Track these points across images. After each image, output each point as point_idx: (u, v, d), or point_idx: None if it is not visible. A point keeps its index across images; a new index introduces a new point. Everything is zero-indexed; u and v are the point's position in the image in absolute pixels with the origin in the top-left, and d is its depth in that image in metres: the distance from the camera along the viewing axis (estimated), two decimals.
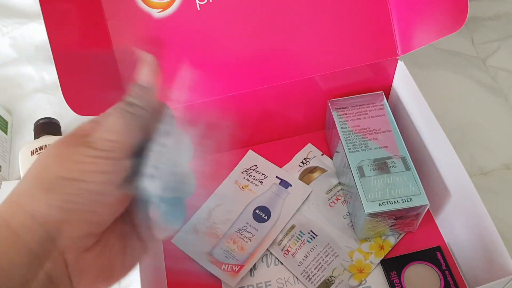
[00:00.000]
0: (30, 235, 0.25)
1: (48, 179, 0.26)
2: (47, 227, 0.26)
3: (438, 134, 0.49)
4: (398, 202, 0.48)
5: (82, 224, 0.27)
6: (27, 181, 0.27)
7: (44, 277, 0.25)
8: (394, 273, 0.52)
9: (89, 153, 0.27)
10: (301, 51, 0.53)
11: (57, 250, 0.26)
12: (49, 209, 0.26)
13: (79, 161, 0.27)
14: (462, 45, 0.71)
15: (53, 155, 0.27)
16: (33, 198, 0.26)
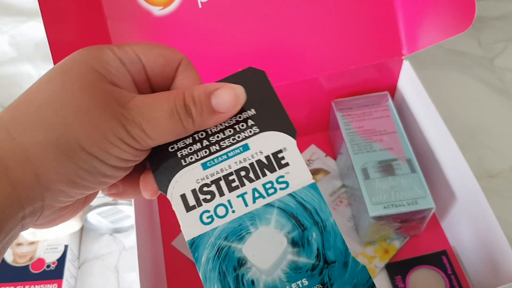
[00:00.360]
0: (26, 192, 0.23)
1: (67, 142, 0.24)
2: (46, 191, 0.24)
3: (445, 136, 0.48)
4: (404, 205, 0.47)
5: (76, 194, 0.26)
6: (43, 126, 0.24)
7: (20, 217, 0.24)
8: (399, 277, 0.51)
9: (120, 135, 0.25)
10: (304, 51, 0.52)
11: (41, 205, 0.24)
12: (57, 177, 0.24)
13: (107, 140, 0.24)
14: (468, 45, 0.70)
15: (83, 112, 0.24)
16: (45, 159, 0.24)
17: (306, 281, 0.25)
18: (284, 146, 0.27)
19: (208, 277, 0.25)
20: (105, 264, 0.55)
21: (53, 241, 0.55)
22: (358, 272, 0.25)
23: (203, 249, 0.26)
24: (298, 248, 0.25)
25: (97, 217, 0.54)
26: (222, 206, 0.26)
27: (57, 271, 0.52)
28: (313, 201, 0.26)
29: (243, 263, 0.25)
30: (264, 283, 0.25)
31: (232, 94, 0.27)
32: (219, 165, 0.27)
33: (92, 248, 0.57)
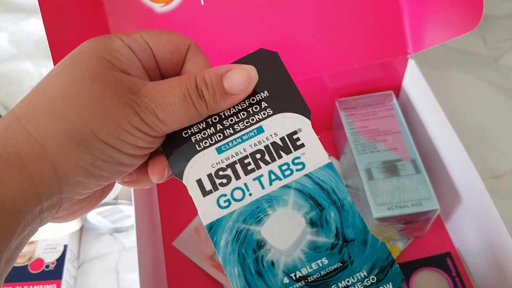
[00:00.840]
0: (43, 186, 0.23)
1: (82, 133, 0.24)
2: (63, 183, 0.24)
3: (450, 136, 0.47)
4: (408, 206, 0.47)
5: (94, 186, 0.26)
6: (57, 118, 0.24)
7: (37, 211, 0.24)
8: (403, 279, 0.50)
9: (134, 123, 0.24)
10: (308, 49, 0.52)
11: (59, 198, 0.24)
12: (74, 169, 0.24)
13: (121, 128, 0.24)
14: (473, 44, 0.70)
15: (96, 102, 0.24)
16: (61, 151, 0.23)
17: (326, 260, 0.25)
18: (299, 127, 0.27)
19: (228, 260, 0.26)
20: (105, 264, 0.55)
21: (52, 241, 0.54)
22: (378, 249, 0.25)
23: (222, 232, 0.26)
24: (316, 228, 0.26)
25: (97, 216, 0.53)
26: (239, 190, 0.26)
27: (56, 271, 0.52)
28: (330, 181, 0.26)
29: (262, 245, 0.26)
30: (284, 264, 0.25)
31: (244, 75, 0.26)
32: (234, 149, 0.27)
33: (92, 248, 0.56)
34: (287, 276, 0.25)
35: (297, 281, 0.25)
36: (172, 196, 0.58)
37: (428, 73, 0.52)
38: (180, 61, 0.29)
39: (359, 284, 0.25)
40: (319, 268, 0.25)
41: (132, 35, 0.27)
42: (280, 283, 0.25)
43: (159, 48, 0.28)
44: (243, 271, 0.25)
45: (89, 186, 0.25)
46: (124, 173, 0.27)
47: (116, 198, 0.52)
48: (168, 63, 0.28)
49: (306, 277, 0.25)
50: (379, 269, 0.25)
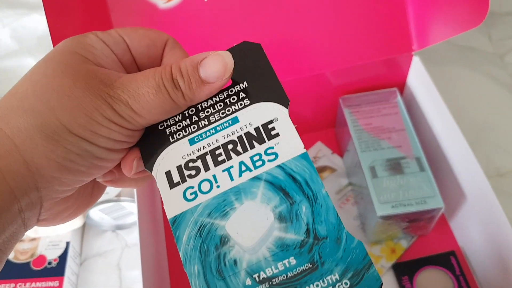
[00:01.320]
0: (16, 181, 0.23)
1: (53, 126, 0.23)
2: (37, 178, 0.23)
3: (454, 134, 0.47)
4: (412, 204, 0.46)
5: (72, 182, 0.25)
6: (27, 112, 0.23)
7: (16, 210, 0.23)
8: (406, 277, 0.50)
9: (107, 115, 0.24)
10: (312, 46, 0.51)
11: (37, 196, 0.24)
12: (46, 162, 0.23)
13: (93, 120, 0.23)
14: (479, 41, 0.69)
15: (65, 94, 0.23)
16: (32, 144, 0.23)
17: (294, 260, 0.23)
18: (275, 117, 0.26)
19: (189, 256, 0.24)
20: (107, 261, 0.55)
21: (54, 237, 0.54)
22: (353, 249, 0.22)
23: (185, 227, 0.24)
24: (285, 223, 0.23)
25: (99, 213, 0.53)
26: (207, 181, 0.25)
27: (58, 268, 0.52)
28: (303, 172, 0.24)
29: (226, 241, 0.23)
30: (247, 263, 0.23)
31: (220, 62, 0.25)
32: (207, 140, 0.26)
33: (94, 245, 0.56)
34: (250, 277, 0.23)
35: (260, 283, 0.23)
36: None
37: (433, 70, 0.52)
38: (157, 56, 0.28)
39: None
40: (286, 269, 0.23)
41: (108, 31, 0.27)
42: (242, 284, 0.23)
43: (134, 42, 0.27)
44: (203, 270, 0.23)
45: (67, 183, 0.25)
46: (103, 168, 0.26)
47: (119, 195, 0.52)
48: (145, 57, 0.28)
49: (271, 279, 0.23)
50: (354, 272, 0.22)
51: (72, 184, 0.25)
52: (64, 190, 0.25)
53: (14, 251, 0.53)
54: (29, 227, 0.25)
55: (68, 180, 0.24)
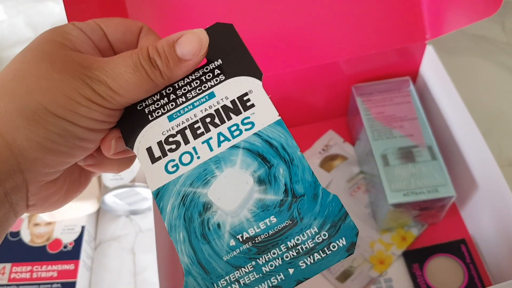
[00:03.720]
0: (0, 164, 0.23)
1: (32, 108, 0.24)
2: (20, 159, 0.24)
3: (467, 123, 0.47)
4: (424, 192, 0.47)
5: (55, 163, 0.25)
6: (6, 96, 0.24)
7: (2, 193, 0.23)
8: (417, 265, 0.50)
9: (86, 94, 0.24)
10: (324, 34, 0.51)
11: (22, 179, 0.24)
12: (28, 143, 0.24)
13: (72, 100, 0.24)
14: (492, 31, 0.69)
15: (43, 77, 0.24)
16: (12, 126, 0.23)
17: (274, 218, 0.24)
18: (250, 89, 0.27)
19: (173, 225, 0.25)
20: (122, 245, 0.56)
21: (70, 221, 0.55)
22: (329, 203, 0.24)
23: (168, 198, 0.25)
24: (264, 185, 0.25)
25: (114, 198, 0.54)
26: (187, 154, 0.26)
27: (74, 252, 0.53)
28: (279, 137, 0.26)
29: (209, 207, 0.25)
30: (230, 225, 0.24)
31: (195, 39, 0.27)
32: (185, 115, 0.27)
33: (109, 230, 0.57)
34: (233, 238, 0.24)
35: (244, 243, 0.24)
36: None
37: (446, 59, 0.52)
38: (133, 41, 0.29)
39: (309, 241, 0.24)
40: (267, 227, 0.24)
41: (85, 22, 0.28)
42: (227, 245, 0.24)
43: (111, 29, 0.28)
44: (188, 236, 0.24)
45: (50, 164, 0.25)
46: (84, 149, 0.26)
47: (133, 180, 0.53)
48: (121, 42, 0.29)
49: (254, 237, 0.24)
50: (331, 224, 0.24)
51: (55, 165, 0.25)
52: (48, 173, 0.25)
53: (30, 235, 0.54)
54: (18, 213, 0.25)
55: (51, 161, 0.25)
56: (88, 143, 0.26)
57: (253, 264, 0.24)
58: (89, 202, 0.54)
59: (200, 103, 0.27)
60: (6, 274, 0.52)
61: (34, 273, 0.52)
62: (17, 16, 0.76)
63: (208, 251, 0.24)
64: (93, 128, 0.26)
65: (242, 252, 0.24)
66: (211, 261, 0.24)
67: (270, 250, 0.24)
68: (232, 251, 0.24)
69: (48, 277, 0.51)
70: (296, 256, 0.24)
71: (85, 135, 0.25)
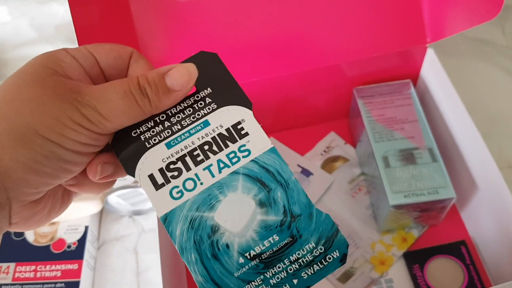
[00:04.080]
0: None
1: (21, 129, 0.24)
2: (5, 178, 0.24)
3: (467, 125, 0.48)
4: (424, 194, 0.47)
5: (39, 184, 0.26)
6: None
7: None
8: (417, 266, 0.51)
9: (75, 119, 0.25)
10: (326, 37, 0.52)
11: (5, 197, 0.25)
12: (14, 164, 0.24)
13: (61, 122, 0.25)
14: (492, 34, 0.69)
15: (34, 100, 0.25)
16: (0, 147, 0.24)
17: (277, 236, 0.27)
18: (242, 118, 0.29)
19: (185, 248, 0.27)
20: (125, 245, 0.56)
21: (73, 221, 0.55)
22: (323, 221, 0.27)
23: (176, 222, 0.27)
24: (266, 208, 0.27)
25: (117, 199, 0.54)
26: (190, 180, 0.28)
27: (77, 252, 0.53)
28: (274, 164, 0.28)
29: (216, 229, 0.27)
30: (238, 245, 0.27)
31: (185, 71, 0.28)
32: (183, 143, 0.29)
33: (112, 230, 0.57)
34: (242, 256, 0.27)
35: (252, 260, 0.26)
36: None
37: (447, 62, 0.52)
38: (124, 67, 0.30)
39: (308, 255, 0.27)
40: (271, 244, 0.27)
41: (77, 48, 0.29)
42: (236, 263, 0.26)
43: (102, 56, 0.29)
44: (200, 257, 0.27)
45: (34, 184, 0.25)
46: (69, 171, 0.27)
47: (136, 181, 0.53)
48: (113, 68, 0.30)
49: (260, 254, 0.27)
50: (326, 239, 0.27)
51: (39, 186, 0.26)
52: (32, 193, 0.26)
53: (34, 234, 0.55)
54: (1, 230, 0.25)
55: (35, 181, 0.25)
56: (73, 166, 0.27)
57: (261, 278, 0.26)
58: (92, 202, 0.54)
59: (196, 131, 0.29)
60: (10, 273, 0.52)
61: (38, 272, 0.52)
62: (21, 18, 0.77)
63: (220, 269, 0.26)
64: (80, 151, 0.26)
65: (251, 268, 0.26)
66: (223, 278, 0.26)
67: (275, 265, 0.27)
68: (242, 268, 0.26)
69: (52, 276, 0.52)
70: (298, 268, 0.26)
71: (71, 157, 0.26)
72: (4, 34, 0.76)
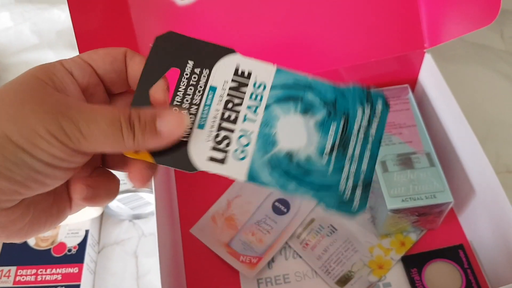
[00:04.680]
0: None
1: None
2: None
3: (465, 130, 0.48)
4: (422, 198, 0.48)
5: (10, 191, 0.25)
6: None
7: None
8: (415, 270, 0.51)
9: (52, 130, 0.24)
10: (325, 42, 0.52)
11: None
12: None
13: (35, 132, 0.24)
14: (490, 39, 0.70)
15: (14, 106, 0.25)
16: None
17: (333, 126, 0.29)
18: (236, 63, 0.30)
19: (282, 184, 0.29)
20: (125, 249, 0.57)
21: (74, 225, 0.56)
22: (353, 90, 0.30)
23: (261, 173, 0.29)
24: (309, 112, 0.30)
25: (117, 203, 0.55)
26: (242, 137, 0.29)
27: (78, 255, 0.54)
28: (288, 79, 0.30)
29: (291, 154, 0.29)
30: (314, 150, 0.29)
31: (178, 119, 0.28)
32: (210, 116, 0.30)
33: (112, 234, 0.58)
34: (323, 155, 0.29)
35: (332, 152, 0.29)
36: (189, 185, 0.59)
37: (445, 67, 0.53)
38: (122, 69, 0.30)
39: (364, 119, 0.30)
40: (335, 132, 0.29)
41: (73, 59, 0.29)
42: (325, 163, 0.29)
43: (98, 63, 0.29)
44: (296, 181, 0.29)
45: (3, 190, 0.25)
46: (42, 183, 0.26)
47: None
48: (112, 72, 0.30)
49: (333, 145, 0.29)
50: (365, 99, 0.30)
51: (10, 193, 0.25)
52: (2, 199, 0.25)
53: (35, 238, 0.55)
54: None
55: (5, 188, 0.25)
56: (46, 178, 0.26)
57: (348, 157, 0.29)
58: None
59: (211, 100, 0.30)
60: (11, 277, 0.53)
61: (38, 276, 0.53)
62: (23, 23, 0.77)
63: (317, 178, 0.29)
64: (52, 164, 0.25)
65: (336, 158, 0.29)
66: (324, 181, 0.29)
67: (349, 142, 0.29)
68: (329, 163, 0.29)
69: (53, 280, 0.52)
70: (365, 132, 0.30)
71: (41, 168, 0.25)
72: (6, 40, 0.77)
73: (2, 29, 0.77)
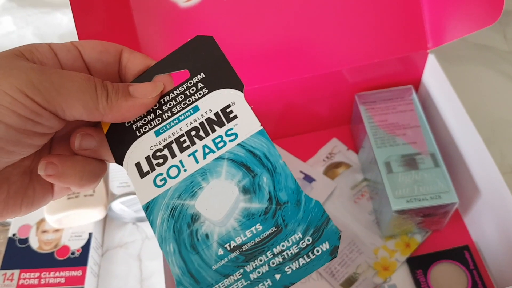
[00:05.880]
0: None
1: None
2: None
3: (469, 130, 0.48)
4: (427, 199, 0.47)
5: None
6: None
7: None
8: (420, 271, 0.51)
9: (18, 84, 0.23)
10: (328, 43, 0.52)
11: None
12: None
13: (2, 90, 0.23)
14: (493, 39, 0.70)
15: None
16: None
17: (260, 226, 0.25)
18: (232, 101, 0.28)
19: (164, 237, 0.26)
20: (128, 252, 0.56)
21: (77, 228, 0.56)
22: (312, 209, 0.25)
23: (158, 211, 0.26)
24: (249, 194, 0.26)
25: (121, 206, 0.54)
26: (174, 167, 0.27)
27: (81, 258, 0.53)
28: (261, 147, 0.26)
29: (197, 218, 0.25)
30: (218, 235, 0.25)
31: (150, 84, 0.28)
32: (171, 130, 0.28)
33: (116, 237, 0.58)
34: (221, 247, 0.25)
35: (231, 251, 0.25)
36: None
37: (448, 67, 0.53)
38: (110, 61, 0.29)
39: (294, 247, 0.24)
40: (254, 235, 0.25)
41: (63, 43, 0.28)
42: (215, 255, 0.25)
43: (87, 49, 0.28)
44: (178, 247, 0.25)
45: None
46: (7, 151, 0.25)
47: None
48: (98, 61, 0.29)
49: (241, 246, 0.25)
50: (314, 229, 0.24)
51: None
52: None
53: (38, 242, 0.55)
54: None
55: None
56: (10, 145, 0.24)
57: (241, 272, 0.24)
58: (96, 209, 0.55)
59: (185, 117, 0.28)
60: (14, 280, 0.52)
61: (42, 279, 0.52)
62: (26, 27, 0.78)
63: (198, 261, 0.25)
64: (14, 125, 0.24)
65: (230, 261, 0.25)
66: (201, 270, 0.25)
67: (257, 257, 0.24)
68: (220, 260, 0.25)
69: (56, 283, 0.52)
70: (282, 262, 0.24)
71: (3, 133, 0.24)
72: (9, 43, 0.77)
73: (4, 33, 0.78)
